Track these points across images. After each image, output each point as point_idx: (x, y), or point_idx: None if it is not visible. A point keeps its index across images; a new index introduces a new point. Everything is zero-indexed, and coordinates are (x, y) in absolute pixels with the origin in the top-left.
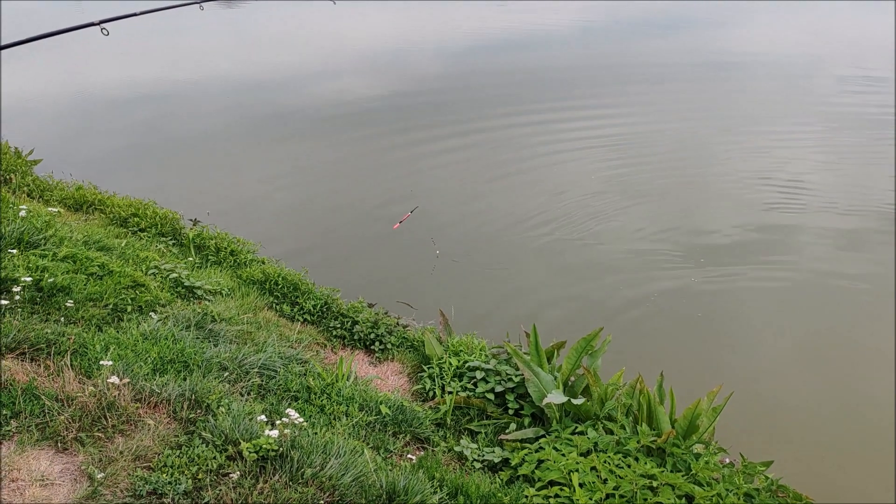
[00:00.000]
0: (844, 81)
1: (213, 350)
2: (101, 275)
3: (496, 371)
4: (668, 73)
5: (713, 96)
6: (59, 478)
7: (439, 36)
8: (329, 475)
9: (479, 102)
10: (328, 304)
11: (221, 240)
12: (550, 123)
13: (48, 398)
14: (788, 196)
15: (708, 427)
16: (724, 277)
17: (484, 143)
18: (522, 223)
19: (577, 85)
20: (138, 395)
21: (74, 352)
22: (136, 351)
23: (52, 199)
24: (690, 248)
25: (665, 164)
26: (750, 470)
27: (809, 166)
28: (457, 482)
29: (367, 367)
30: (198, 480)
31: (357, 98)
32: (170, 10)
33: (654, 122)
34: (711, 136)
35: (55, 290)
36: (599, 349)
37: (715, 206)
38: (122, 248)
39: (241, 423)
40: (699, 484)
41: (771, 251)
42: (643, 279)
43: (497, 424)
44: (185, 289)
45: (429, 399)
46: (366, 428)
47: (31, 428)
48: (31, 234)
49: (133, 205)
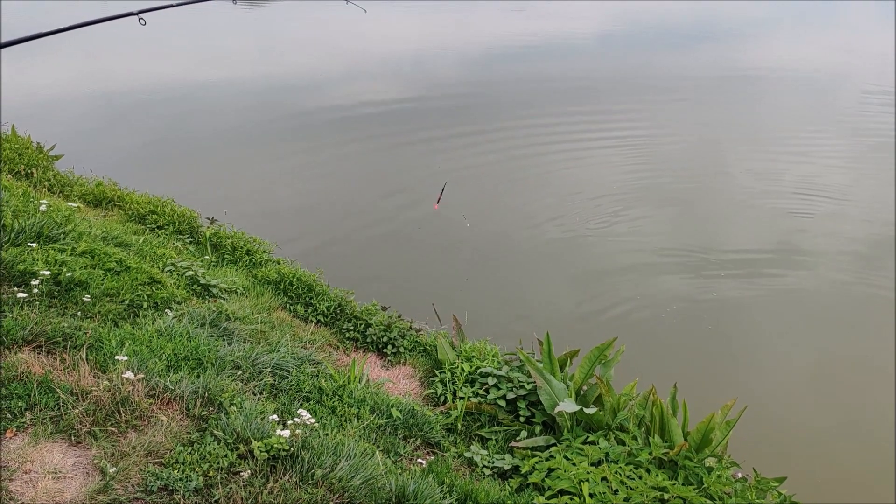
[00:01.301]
0: (868, 95)
1: (227, 348)
2: (118, 270)
3: (508, 378)
4: (688, 84)
5: (735, 108)
6: (71, 471)
7: (461, 42)
8: (339, 477)
9: (498, 108)
10: (342, 306)
11: (238, 239)
12: (570, 132)
13: (63, 391)
14: (807, 210)
15: (721, 441)
16: (741, 290)
17: (502, 149)
18: (538, 230)
19: (598, 94)
20: (152, 391)
21: (90, 346)
22: (151, 347)
23: (72, 195)
24: (707, 260)
25: (684, 174)
26: (763, 485)
27: (829, 181)
28: (466, 488)
29: (379, 369)
30: (209, 478)
31: (378, 101)
32: (203, 2)
33: (675, 133)
34: (731, 148)
35: (73, 284)
36: (613, 359)
37: (733, 218)
38: (140, 244)
39: (252, 422)
40: (711, 498)
41: (787, 265)
42: (659, 289)
43: (508, 431)
44: (201, 287)
45: (440, 404)
46: (376, 431)
47: (46, 420)
48: (50, 228)
49: (151, 202)
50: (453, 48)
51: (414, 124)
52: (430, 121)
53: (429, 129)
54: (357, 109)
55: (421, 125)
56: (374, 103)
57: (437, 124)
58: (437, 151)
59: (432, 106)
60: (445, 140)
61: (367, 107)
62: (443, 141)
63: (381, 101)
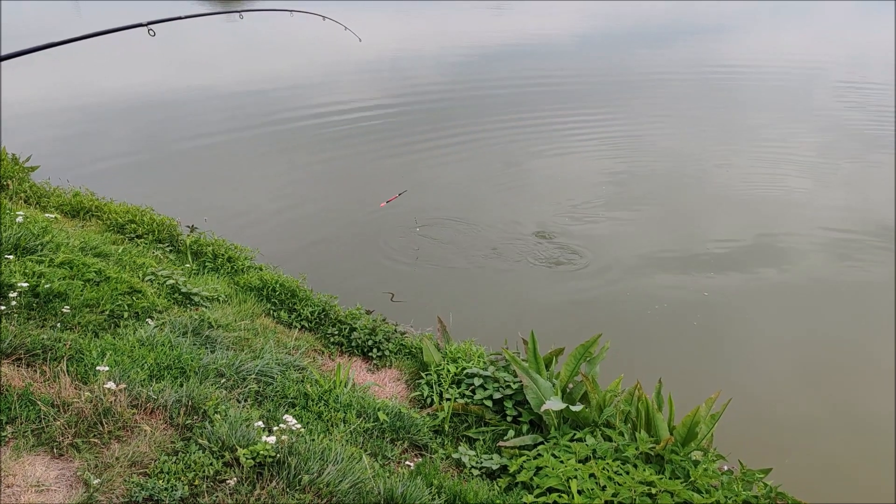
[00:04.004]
0: (844, 90)
1: (210, 356)
2: (97, 281)
3: (494, 378)
4: (666, 82)
5: (713, 106)
6: (54, 484)
7: (437, 45)
8: (327, 482)
9: (478, 110)
10: (326, 311)
11: (219, 246)
12: (550, 131)
13: (44, 404)
14: (786, 202)
15: (706, 434)
16: (724, 284)
17: (483, 150)
18: (521, 229)
19: (576, 94)
20: (135, 401)
21: (71, 357)
22: (133, 357)
23: (49, 206)
24: (689, 257)
25: (664, 173)
26: (748, 477)
27: (809, 176)
28: (455, 489)
29: (364, 373)
30: (194, 487)
31: (356, 107)
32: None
33: (655, 132)
34: (711, 146)
35: (52, 295)
36: (598, 356)
37: (714, 214)
38: (119, 254)
39: (238, 430)
40: (698, 491)
41: (769, 257)
42: (641, 286)
43: (495, 431)
44: (182, 295)
45: (427, 406)
46: (363, 435)
47: (27, 433)
48: (27, 239)
49: (130, 211)
50: (431, 52)
51: (393, 129)
52: (410, 125)
53: (408, 133)
54: (336, 115)
55: (400, 129)
56: (354, 109)
57: (417, 128)
58: (417, 155)
59: (412, 109)
60: (425, 143)
61: (347, 112)
62: (423, 144)
63: (361, 107)
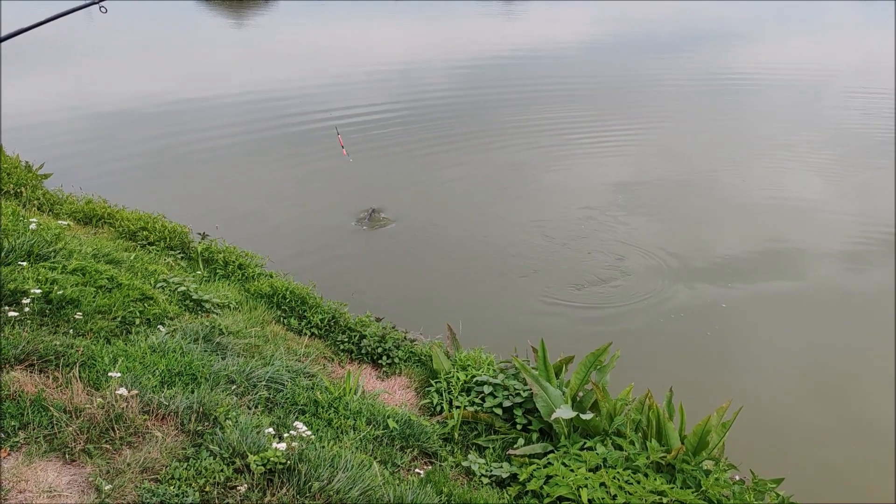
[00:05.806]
0: (853, 97)
1: (221, 363)
2: (109, 287)
3: (504, 386)
4: (675, 89)
5: (721, 112)
6: (66, 489)
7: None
8: (337, 489)
9: (486, 117)
10: (336, 318)
11: (230, 253)
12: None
13: (56, 410)
14: (795, 211)
15: (717, 443)
16: (735, 295)
17: (492, 157)
18: (530, 237)
19: (585, 102)
20: (146, 407)
21: (83, 364)
22: (145, 363)
23: (61, 213)
24: (698, 266)
25: (673, 181)
26: (760, 487)
27: (818, 185)
28: (464, 497)
29: (374, 381)
30: (205, 493)
31: (366, 112)
32: None
33: (665, 140)
34: (720, 154)
35: (64, 302)
36: (608, 364)
37: (724, 225)
38: (131, 261)
39: (248, 436)
40: (709, 501)
41: (779, 270)
42: (652, 295)
43: (505, 439)
44: (194, 302)
45: (436, 413)
46: (373, 442)
47: (40, 439)
48: (40, 246)
49: (142, 218)
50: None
51: (403, 135)
52: (419, 131)
53: (417, 139)
54: (345, 121)
55: (410, 136)
56: (363, 114)
57: (426, 135)
58: (426, 159)
59: (421, 116)
60: (434, 150)
61: (356, 118)
62: (431, 150)
63: (370, 112)
